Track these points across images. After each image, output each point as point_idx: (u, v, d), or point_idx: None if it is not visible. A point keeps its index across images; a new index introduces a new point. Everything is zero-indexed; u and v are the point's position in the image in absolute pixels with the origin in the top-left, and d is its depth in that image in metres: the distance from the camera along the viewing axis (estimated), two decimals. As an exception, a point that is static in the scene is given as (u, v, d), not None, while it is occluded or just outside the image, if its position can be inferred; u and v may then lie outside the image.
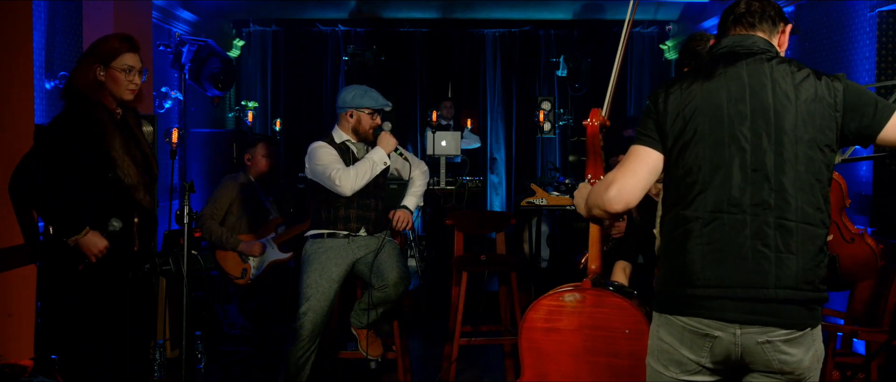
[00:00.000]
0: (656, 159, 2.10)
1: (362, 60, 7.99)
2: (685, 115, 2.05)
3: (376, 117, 4.09)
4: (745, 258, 2.01)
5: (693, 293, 2.04)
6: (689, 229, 2.05)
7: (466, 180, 7.54)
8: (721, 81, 2.05)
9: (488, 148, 9.48)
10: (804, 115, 2.01)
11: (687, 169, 2.05)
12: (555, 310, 2.47)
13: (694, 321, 2.05)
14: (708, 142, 2.03)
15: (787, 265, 2.00)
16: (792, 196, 2.00)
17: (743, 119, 2.02)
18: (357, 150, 4.09)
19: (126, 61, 3.24)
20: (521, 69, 9.37)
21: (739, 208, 2.01)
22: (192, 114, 7.39)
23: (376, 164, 3.98)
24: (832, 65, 5.77)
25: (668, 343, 2.11)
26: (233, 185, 5.25)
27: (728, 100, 2.03)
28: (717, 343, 2.04)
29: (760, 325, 2.01)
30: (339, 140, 4.08)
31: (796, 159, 2.01)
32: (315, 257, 3.98)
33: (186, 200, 3.40)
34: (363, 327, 4.07)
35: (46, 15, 5.08)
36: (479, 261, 4.51)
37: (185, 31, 7.50)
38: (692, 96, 2.05)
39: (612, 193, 2.06)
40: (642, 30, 9.33)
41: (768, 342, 2.02)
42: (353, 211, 4.00)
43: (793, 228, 2.00)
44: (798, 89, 2.02)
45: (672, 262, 2.09)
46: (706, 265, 2.02)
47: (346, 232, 4.00)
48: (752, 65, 2.06)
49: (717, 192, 2.02)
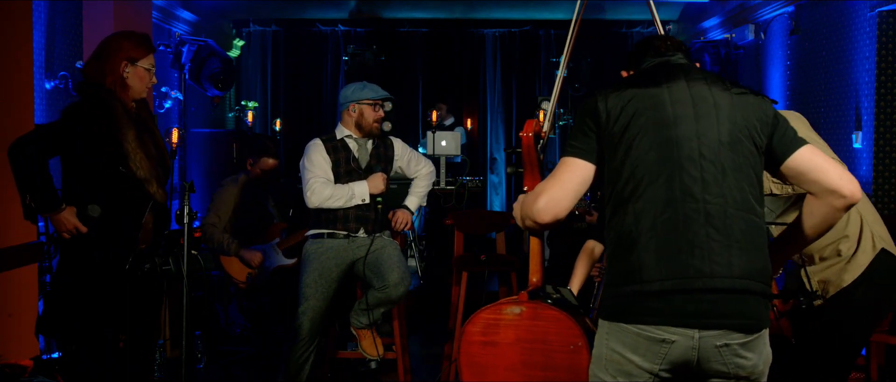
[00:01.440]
0: (587, 171, 2.09)
1: (362, 60, 8.00)
2: (627, 114, 2.06)
3: (379, 110, 4.07)
4: (698, 247, 1.98)
5: (644, 291, 1.99)
6: (639, 227, 2.02)
7: (466, 180, 7.55)
8: (660, 85, 2.10)
9: (488, 148, 9.48)
10: (740, 118, 2.07)
11: (632, 169, 2.04)
12: (492, 323, 2.41)
13: (650, 328, 2.00)
14: (652, 140, 2.04)
15: (738, 253, 1.99)
16: (737, 190, 2.02)
17: (685, 119, 2.05)
18: (356, 147, 4.07)
19: (151, 61, 3.36)
20: (521, 69, 9.37)
21: (688, 200, 2.00)
22: (192, 114, 7.40)
23: (354, 198, 3.95)
24: (832, 65, 5.78)
25: (619, 352, 2.05)
26: (233, 189, 5.21)
27: (670, 102, 2.07)
28: (674, 349, 1.99)
29: (719, 321, 1.97)
30: (339, 136, 4.07)
31: (737, 155, 2.05)
32: (315, 256, 3.97)
33: (186, 200, 3.39)
34: (363, 327, 4.07)
35: (46, 15, 5.08)
36: (479, 261, 4.51)
37: (185, 31, 7.50)
38: (632, 98, 2.08)
39: (541, 204, 2.06)
40: (642, 30, 9.33)
41: (726, 345, 1.99)
42: (351, 211, 3.99)
43: (741, 218, 2.01)
44: (732, 95, 2.09)
45: (621, 263, 2.05)
46: (659, 259, 1.99)
47: (345, 232, 4.00)
48: (687, 72, 2.15)
49: (665, 187, 2.02)
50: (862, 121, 5.33)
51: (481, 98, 9.48)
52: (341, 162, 4.01)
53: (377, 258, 3.99)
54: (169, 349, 4.67)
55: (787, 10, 6.44)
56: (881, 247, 2.86)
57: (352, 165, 4.01)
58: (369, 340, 4.11)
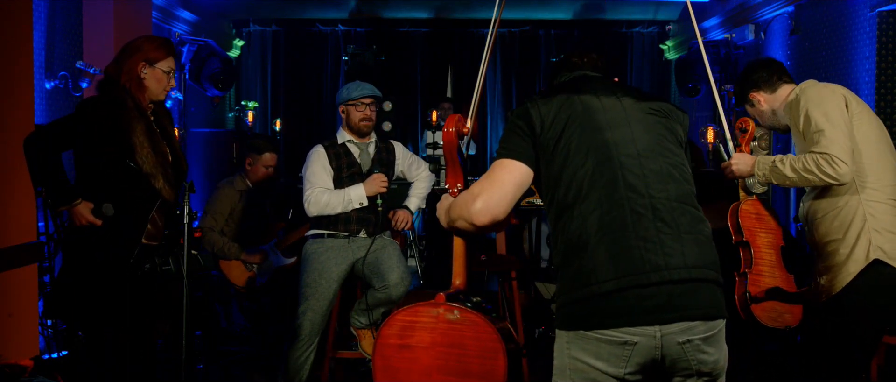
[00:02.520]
0: (525, 174, 2.07)
1: (362, 60, 7.99)
2: (560, 121, 2.06)
3: (364, 109, 4.03)
4: (650, 242, 1.96)
5: (599, 292, 1.95)
6: (587, 229, 1.99)
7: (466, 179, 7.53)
8: (587, 93, 2.14)
9: (488, 148, 9.48)
10: (661, 121, 2.14)
11: (572, 173, 2.03)
12: (408, 326, 2.31)
13: (610, 331, 1.95)
14: (589, 144, 2.05)
15: (690, 245, 2.00)
16: (676, 186, 2.05)
17: (618, 123, 2.08)
18: (357, 151, 4.08)
19: (170, 64, 3.40)
20: (521, 69, 9.37)
21: (634, 197, 2.00)
22: (192, 114, 7.40)
23: (351, 202, 3.95)
24: (832, 65, 5.78)
25: (582, 360, 2.00)
26: (230, 191, 5.17)
27: (601, 108, 2.10)
28: (637, 350, 1.95)
29: (677, 313, 1.94)
30: (341, 141, 4.08)
31: (669, 155, 2.09)
32: (315, 256, 3.97)
33: (186, 200, 3.40)
34: (363, 327, 4.07)
35: (46, 15, 5.08)
36: (479, 261, 4.51)
37: (185, 31, 7.50)
38: (563, 105, 2.09)
39: (478, 205, 2.03)
40: (642, 30, 9.33)
41: (688, 341, 1.96)
42: (353, 213, 3.99)
43: (686, 211, 2.04)
44: (650, 100, 2.17)
45: (572, 268, 2.01)
46: (610, 258, 1.96)
47: (346, 233, 4.01)
48: (606, 83, 2.22)
49: (609, 188, 2.01)
50: (862, 121, 5.33)
51: (481, 98, 9.48)
52: (343, 167, 4.02)
53: (377, 258, 3.99)
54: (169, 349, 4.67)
55: (787, 10, 6.44)
56: (875, 257, 2.84)
57: (355, 169, 4.02)
58: (369, 340, 4.11)
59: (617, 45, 9.31)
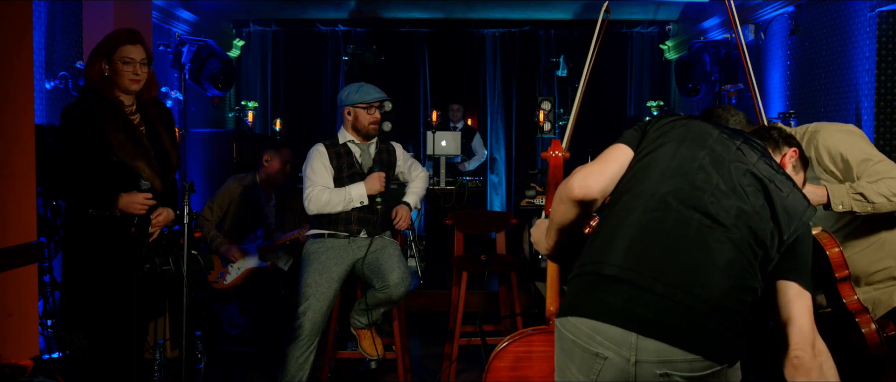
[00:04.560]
0: (628, 154, 2.04)
1: (362, 60, 8.00)
2: (666, 127, 2.04)
3: (374, 112, 4.05)
4: (676, 256, 1.84)
5: (599, 272, 1.87)
6: (631, 209, 1.93)
7: (466, 180, 7.55)
8: (712, 124, 2.07)
9: (488, 148, 9.48)
10: (781, 194, 1.99)
11: (648, 161, 1.99)
12: (523, 356, 2.26)
13: (588, 329, 1.85)
14: (684, 148, 2.00)
15: (716, 280, 1.84)
16: (743, 230, 1.91)
17: (725, 160, 1.98)
18: (358, 152, 4.07)
19: (125, 53, 3.30)
20: (521, 69, 9.38)
21: (690, 208, 1.90)
22: (192, 114, 7.39)
23: (352, 201, 3.95)
24: (832, 65, 5.78)
25: (562, 359, 1.94)
26: (236, 186, 5.21)
27: (714, 140, 2.03)
28: (607, 367, 1.82)
29: (661, 341, 1.79)
30: (342, 141, 4.08)
31: (757, 217, 1.95)
32: (315, 256, 3.97)
33: (186, 200, 3.40)
34: (363, 327, 4.06)
35: (46, 15, 5.08)
36: (479, 261, 4.51)
37: (185, 31, 7.50)
38: (681, 121, 2.06)
39: (577, 178, 1.97)
40: (642, 30, 9.33)
41: (667, 375, 1.80)
42: (354, 213, 3.99)
43: (732, 252, 1.88)
44: (778, 171, 2.04)
45: (599, 238, 1.95)
46: (632, 249, 1.87)
47: (346, 234, 4.01)
48: (743, 135, 2.09)
49: (675, 187, 1.93)
50: (862, 121, 5.33)
51: (481, 98, 9.48)
52: (344, 167, 4.01)
53: (377, 259, 3.99)
54: (169, 349, 4.67)
55: (787, 10, 6.44)
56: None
57: (355, 169, 4.02)
58: (369, 340, 4.11)
59: (617, 46, 9.31)
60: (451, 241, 4.94)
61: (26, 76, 3.57)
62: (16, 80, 3.48)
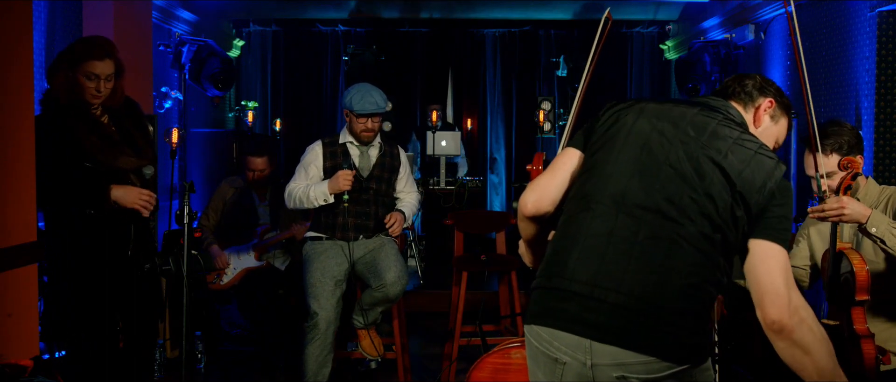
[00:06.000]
0: (575, 156, 2.05)
1: (362, 60, 8.00)
2: (617, 114, 2.01)
3: (367, 121, 3.96)
4: (628, 261, 1.82)
5: (554, 286, 1.87)
6: (578, 217, 1.92)
7: (466, 180, 7.54)
8: (666, 106, 2.01)
9: (488, 148, 9.48)
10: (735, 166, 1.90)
11: (596, 161, 1.97)
12: (501, 368, 2.28)
13: (547, 335, 1.86)
14: (630, 143, 1.96)
15: (670, 284, 1.81)
16: (697, 223, 1.85)
17: (673, 141, 1.92)
18: (357, 154, 4.05)
19: (89, 69, 3.21)
20: (521, 69, 9.37)
21: (639, 208, 1.87)
22: (192, 114, 7.39)
23: (317, 199, 3.89)
24: (832, 65, 5.77)
25: (530, 365, 1.95)
26: (227, 188, 5.22)
27: (664, 119, 1.98)
28: (567, 371, 1.84)
29: (614, 345, 1.78)
30: (342, 140, 4.05)
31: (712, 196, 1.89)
32: (315, 256, 3.97)
33: (186, 200, 3.39)
34: (363, 327, 4.06)
35: (46, 15, 5.08)
36: (479, 261, 4.51)
37: (185, 31, 7.49)
38: (631, 105, 2.03)
39: (526, 195, 2.00)
40: (642, 30, 9.33)
41: (624, 378, 1.79)
42: (350, 219, 3.98)
43: (687, 249, 1.83)
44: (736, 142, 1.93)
45: (551, 248, 1.96)
46: (584, 258, 1.85)
47: (343, 241, 4.00)
48: (704, 109, 2.01)
49: (623, 188, 1.89)
50: (862, 121, 5.33)
51: (481, 98, 9.48)
52: (338, 168, 3.95)
53: (374, 258, 3.98)
54: (169, 349, 4.67)
55: (787, 9, 6.44)
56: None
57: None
58: (369, 340, 4.11)
59: (617, 46, 9.30)
60: (451, 241, 4.94)
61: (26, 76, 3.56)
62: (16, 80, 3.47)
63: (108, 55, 3.26)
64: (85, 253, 3.25)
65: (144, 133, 3.45)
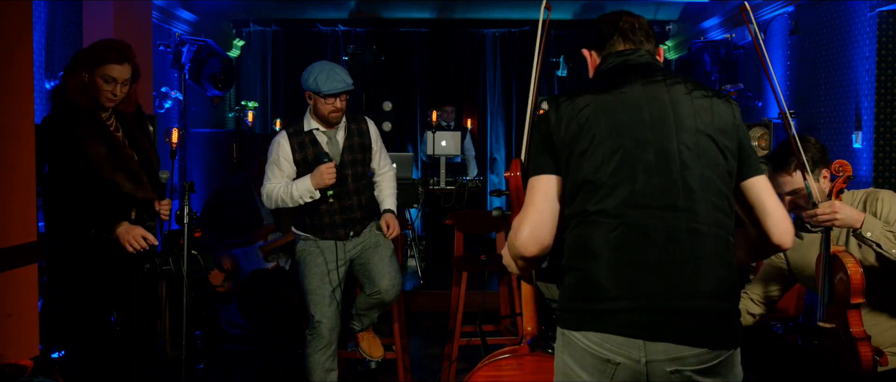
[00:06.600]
0: (553, 183, 1.94)
1: (362, 60, 7.99)
2: (579, 122, 1.92)
3: (335, 101, 3.69)
4: (657, 264, 1.85)
5: (601, 309, 1.86)
6: (594, 237, 1.88)
7: (466, 180, 7.55)
8: (615, 92, 1.96)
9: (488, 148, 9.48)
10: (704, 121, 1.94)
11: (585, 176, 1.90)
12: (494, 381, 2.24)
13: (596, 338, 1.86)
14: (608, 147, 1.90)
15: (703, 273, 1.86)
16: (701, 200, 1.89)
17: (642, 125, 1.92)
18: (325, 140, 3.79)
19: (108, 71, 3.22)
20: (521, 69, 9.37)
21: (647, 211, 1.87)
22: (192, 114, 7.39)
23: (302, 197, 3.67)
24: (832, 65, 5.77)
25: (571, 367, 1.93)
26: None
27: (624, 107, 1.94)
28: (620, 372, 1.86)
29: (669, 341, 1.82)
30: (307, 128, 3.78)
31: (702, 162, 1.92)
32: (311, 260, 3.80)
33: (186, 200, 3.39)
34: (361, 330, 4.03)
35: (46, 15, 5.08)
36: (479, 261, 4.51)
37: (185, 31, 7.50)
38: (585, 105, 1.94)
39: (523, 236, 1.91)
40: (642, 30, 9.32)
41: (678, 371, 1.84)
42: (337, 217, 3.78)
43: (705, 232, 1.88)
44: (693, 99, 1.97)
45: (576, 274, 1.91)
46: (616, 275, 1.85)
47: (334, 240, 3.81)
48: (646, 72, 2.01)
49: (623, 197, 1.87)
50: (862, 121, 5.33)
51: (481, 98, 9.49)
52: (309, 159, 3.73)
53: (369, 260, 3.85)
54: (169, 349, 4.67)
55: (787, 10, 6.44)
56: None
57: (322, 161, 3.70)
58: (369, 340, 4.09)
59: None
60: (451, 241, 4.94)
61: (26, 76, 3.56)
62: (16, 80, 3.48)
63: (127, 59, 3.27)
64: (85, 253, 3.24)
65: (151, 140, 3.46)
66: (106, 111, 3.31)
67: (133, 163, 3.31)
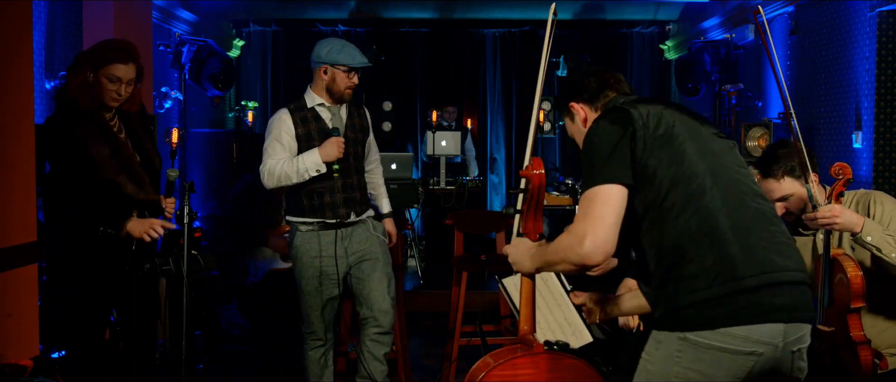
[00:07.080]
0: (624, 196, 1.95)
1: (362, 60, 7.99)
2: (661, 118, 2.02)
3: (353, 76, 3.70)
4: (772, 240, 1.97)
5: (741, 287, 1.87)
6: (718, 220, 1.92)
7: (466, 180, 7.55)
8: (671, 108, 2.11)
9: (488, 148, 9.48)
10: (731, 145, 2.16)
11: (688, 168, 1.96)
12: (509, 381, 2.21)
13: (741, 333, 1.87)
14: (692, 144, 2.01)
15: (793, 249, 2.03)
16: (765, 201, 2.08)
17: (709, 136, 2.10)
18: (329, 116, 3.74)
19: (113, 71, 3.22)
20: (521, 69, 9.37)
21: (740, 198, 2.00)
22: (192, 114, 7.39)
23: (308, 171, 3.57)
24: (832, 65, 5.77)
25: (697, 370, 1.90)
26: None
27: (690, 118, 2.11)
28: (760, 362, 1.90)
29: (801, 316, 1.95)
30: (310, 104, 3.75)
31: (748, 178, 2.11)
32: (304, 251, 3.71)
33: (186, 200, 3.39)
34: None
35: (46, 15, 5.08)
36: (479, 261, 4.50)
37: (185, 31, 7.50)
38: (654, 106, 2.06)
39: (587, 247, 1.90)
40: (642, 30, 9.33)
41: (798, 350, 1.97)
42: (338, 195, 3.69)
43: (772, 215, 2.06)
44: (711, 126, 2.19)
45: (705, 260, 1.90)
46: (750, 253, 1.91)
47: (335, 220, 3.69)
48: None
49: (724, 184, 1.99)
50: (862, 121, 5.33)
51: (481, 98, 9.48)
52: (314, 134, 3.67)
53: (368, 278, 3.76)
54: (169, 349, 4.67)
55: (787, 10, 6.44)
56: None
57: (327, 136, 3.65)
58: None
59: (617, 46, 9.31)
60: (451, 241, 4.94)
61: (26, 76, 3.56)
62: (16, 80, 3.48)
63: (132, 59, 3.27)
64: (85, 253, 3.25)
65: (153, 140, 3.46)
66: (109, 111, 3.30)
67: (135, 164, 3.31)
